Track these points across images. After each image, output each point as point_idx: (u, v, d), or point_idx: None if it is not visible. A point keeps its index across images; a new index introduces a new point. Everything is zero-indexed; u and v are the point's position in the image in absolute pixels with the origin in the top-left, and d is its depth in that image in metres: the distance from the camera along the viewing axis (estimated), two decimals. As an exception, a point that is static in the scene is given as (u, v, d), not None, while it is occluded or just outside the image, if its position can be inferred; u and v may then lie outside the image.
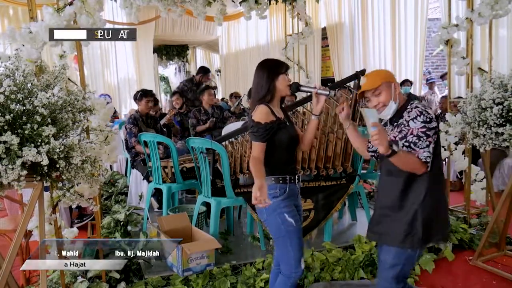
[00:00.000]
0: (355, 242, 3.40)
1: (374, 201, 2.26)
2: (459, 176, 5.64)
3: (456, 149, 3.79)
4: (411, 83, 7.22)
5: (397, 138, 2.00)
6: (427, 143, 1.93)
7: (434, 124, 1.96)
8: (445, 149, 3.86)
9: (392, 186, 2.07)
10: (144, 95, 4.86)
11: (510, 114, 2.78)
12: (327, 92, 2.27)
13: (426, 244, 2.12)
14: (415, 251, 2.07)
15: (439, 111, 7.08)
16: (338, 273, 3.11)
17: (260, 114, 2.18)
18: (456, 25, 3.59)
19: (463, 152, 3.83)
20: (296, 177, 2.30)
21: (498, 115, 2.81)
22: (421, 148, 1.93)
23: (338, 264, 3.17)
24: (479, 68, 3.68)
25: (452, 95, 5.19)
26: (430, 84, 7.97)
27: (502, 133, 2.81)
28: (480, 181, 3.73)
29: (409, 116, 2.00)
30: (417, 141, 1.94)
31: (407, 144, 1.95)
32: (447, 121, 3.77)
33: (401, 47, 7.53)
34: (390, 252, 2.07)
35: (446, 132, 3.76)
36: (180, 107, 6.32)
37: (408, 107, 2.07)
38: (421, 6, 7.03)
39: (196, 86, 6.64)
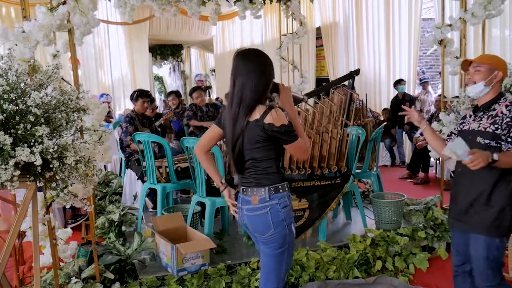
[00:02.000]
0: (349, 241, 3.41)
1: (456, 191, 2.26)
2: (452, 175, 5.69)
3: (449, 148, 3.81)
4: (405, 82, 7.25)
5: (497, 131, 2.04)
6: None
7: None
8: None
9: (482, 178, 2.10)
10: (140, 95, 4.87)
11: (503, 113, 2.80)
12: (301, 97, 2.30)
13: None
14: (503, 240, 2.12)
15: (433, 110, 7.12)
16: (332, 272, 3.12)
17: (282, 116, 1.96)
18: (450, 25, 3.61)
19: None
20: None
21: (491, 115, 2.83)
22: None
23: (333, 263, 3.17)
24: (473, 68, 3.70)
25: (447, 94, 5.21)
26: (424, 84, 7.99)
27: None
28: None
29: (509, 111, 2.04)
30: None
31: (510, 140, 2.01)
32: (440, 120, 3.79)
33: (395, 46, 7.56)
34: (479, 244, 2.12)
35: (440, 131, 3.78)
36: (176, 107, 6.32)
37: (502, 100, 2.12)
38: (415, 6, 7.06)
39: None
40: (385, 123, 6.68)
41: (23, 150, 1.81)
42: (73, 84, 2.71)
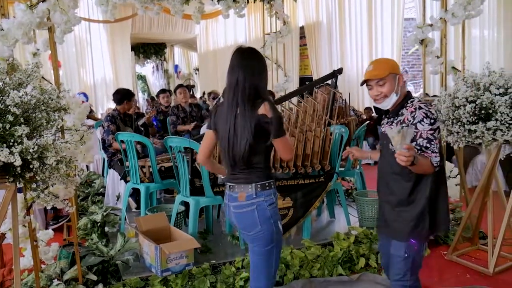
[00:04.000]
0: (333, 239, 3.43)
1: (378, 196, 2.28)
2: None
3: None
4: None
5: None
6: (436, 145, 1.96)
7: (438, 124, 1.98)
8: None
9: (400, 185, 2.08)
10: (132, 95, 4.91)
11: (482, 112, 2.85)
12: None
13: (431, 235, 2.24)
14: (423, 243, 2.15)
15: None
16: (317, 270, 3.14)
17: (275, 108, 2.02)
18: (431, 25, 3.65)
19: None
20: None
21: (471, 113, 2.88)
22: (432, 152, 1.95)
23: (317, 261, 3.19)
24: (453, 67, 3.76)
25: (428, 93, 5.30)
26: None
27: (475, 131, 2.88)
28: (454, 177, 3.82)
29: (413, 118, 1.99)
30: (428, 145, 1.96)
31: (418, 147, 1.96)
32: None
33: (377, 46, 7.65)
34: (400, 247, 2.10)
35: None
36: (167, 106, 6.27)
37: (408, 103, 2.06)
38: (398, 6, 7.15)
39: None
40: (368, 121, 6.75)
41: (1, 150, 1.77)
42: (54, 83, 2.67)
